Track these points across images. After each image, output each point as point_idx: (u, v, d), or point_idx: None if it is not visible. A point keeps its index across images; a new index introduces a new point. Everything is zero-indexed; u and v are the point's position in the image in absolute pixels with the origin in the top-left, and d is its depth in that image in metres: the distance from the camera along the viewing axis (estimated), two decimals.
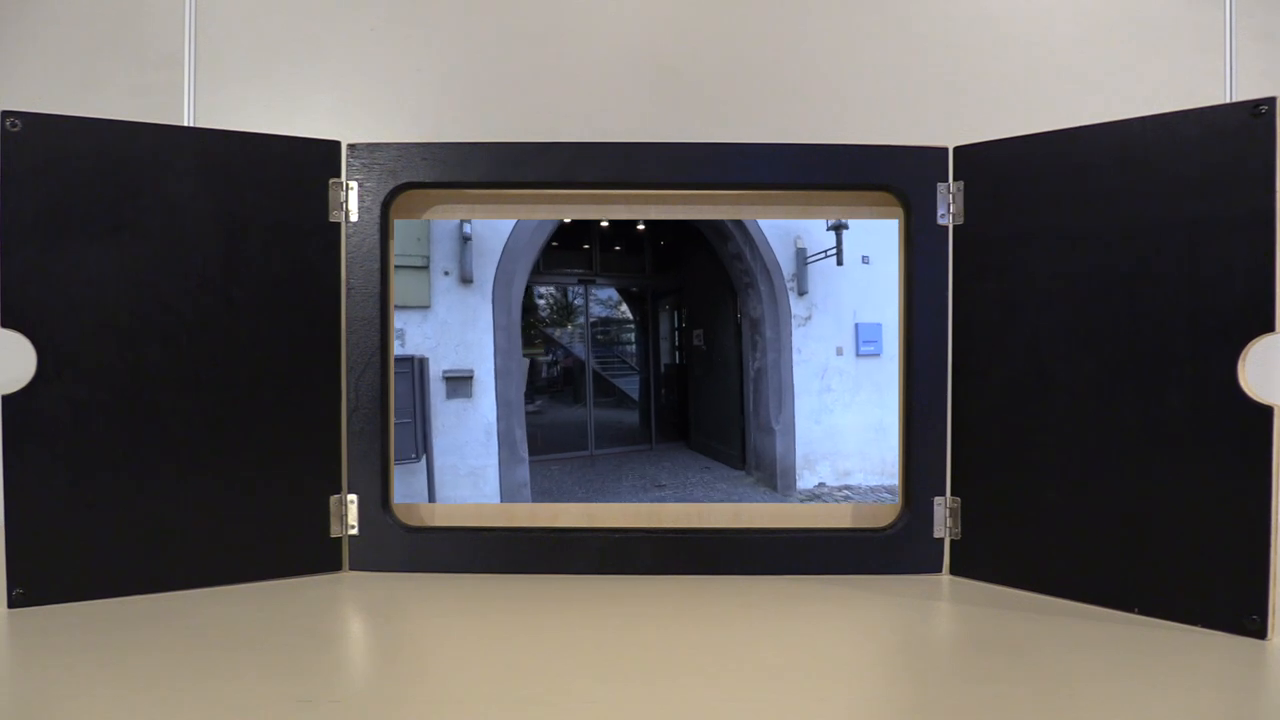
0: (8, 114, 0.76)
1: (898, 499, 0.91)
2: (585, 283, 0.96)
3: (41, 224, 0.77)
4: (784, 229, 0.94)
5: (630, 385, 0.97)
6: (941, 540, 0.88)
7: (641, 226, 0.95)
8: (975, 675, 0.63)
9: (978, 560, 0.86)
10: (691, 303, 0.97)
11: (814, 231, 0.93)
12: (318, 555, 0.88)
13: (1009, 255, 0.83)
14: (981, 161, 0.85)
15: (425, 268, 0.93)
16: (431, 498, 0.93)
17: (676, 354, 0.98)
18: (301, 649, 0.68)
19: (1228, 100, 1.04)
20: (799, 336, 0.94)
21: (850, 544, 0.89)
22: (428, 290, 0.93)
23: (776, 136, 0.97)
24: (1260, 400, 0.70)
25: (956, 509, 0.87)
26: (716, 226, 0.94)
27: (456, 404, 0.93)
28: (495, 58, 1.10)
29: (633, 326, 0.98)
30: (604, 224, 0.95)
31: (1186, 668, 0.64)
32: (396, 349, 0.92)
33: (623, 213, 0.94)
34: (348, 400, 0.88)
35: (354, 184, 0.88)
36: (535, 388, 0.95)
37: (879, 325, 0.93)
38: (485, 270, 0.94)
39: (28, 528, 0.77)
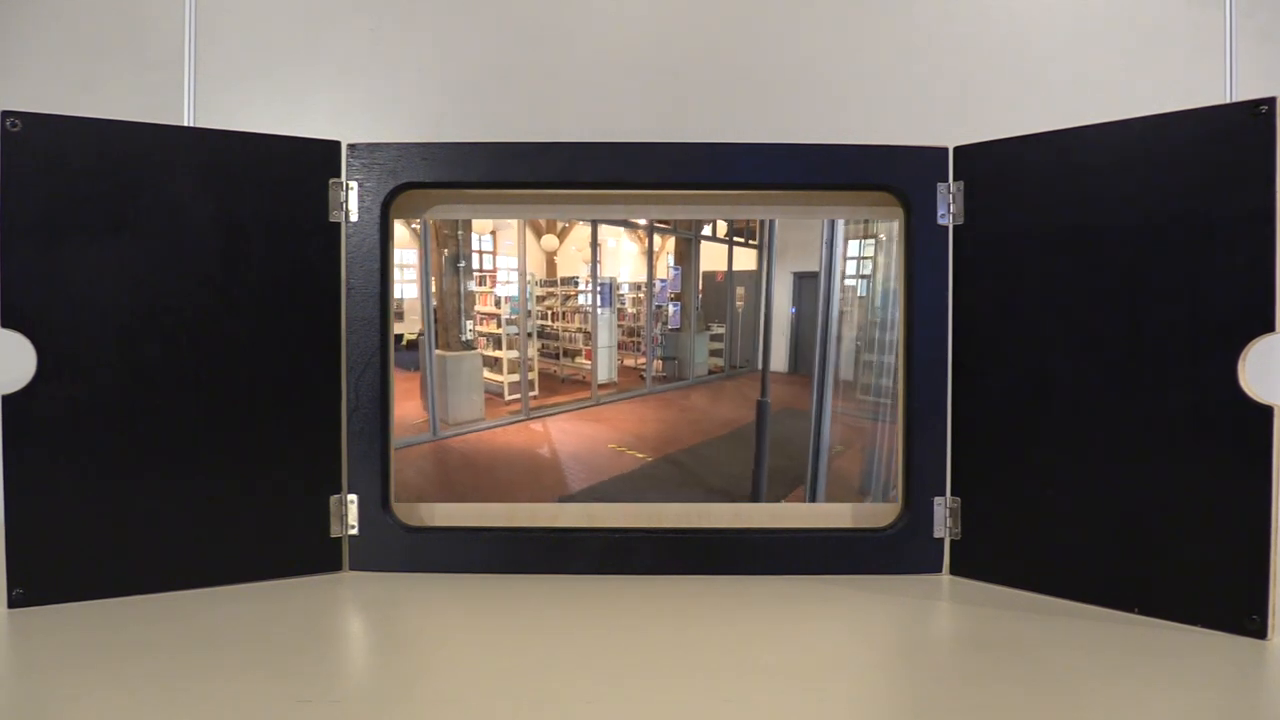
0: (8, 114, 0.76)
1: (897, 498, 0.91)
2: None
3: (41, 224, 0.77)
4: None
5: None
6: (941, 540, 0.88)
7: None
8: (975, 675, 0.63)
9: (978, 560, 0.86)
10: None
11: None
12: (318, 555, 0.88)
13: (1009, 255, 0.83)
14: (981, 161, 0.85)
15: None
16: None
17: None
18: (301, 649, 0.68)
19: (1228, 100, 1.04)
20: None
21: (850, 544, 0.89)
22: None
23: (776, 136, 0.96)
24: (1260, 400, 0.70)
25: (956, 509, 0.87)
26: None
27: None
28: (495, 58, 1.09)
29: None
30: None
31: (1186, 668, 0.64)
32: None
33: (622, 213, 0.94)
34: (348, 400, 0.88)
35: (354, 184, 0.88)
36: None
37: None
38: None
39: (28, 528, 0.77)
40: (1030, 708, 0.57)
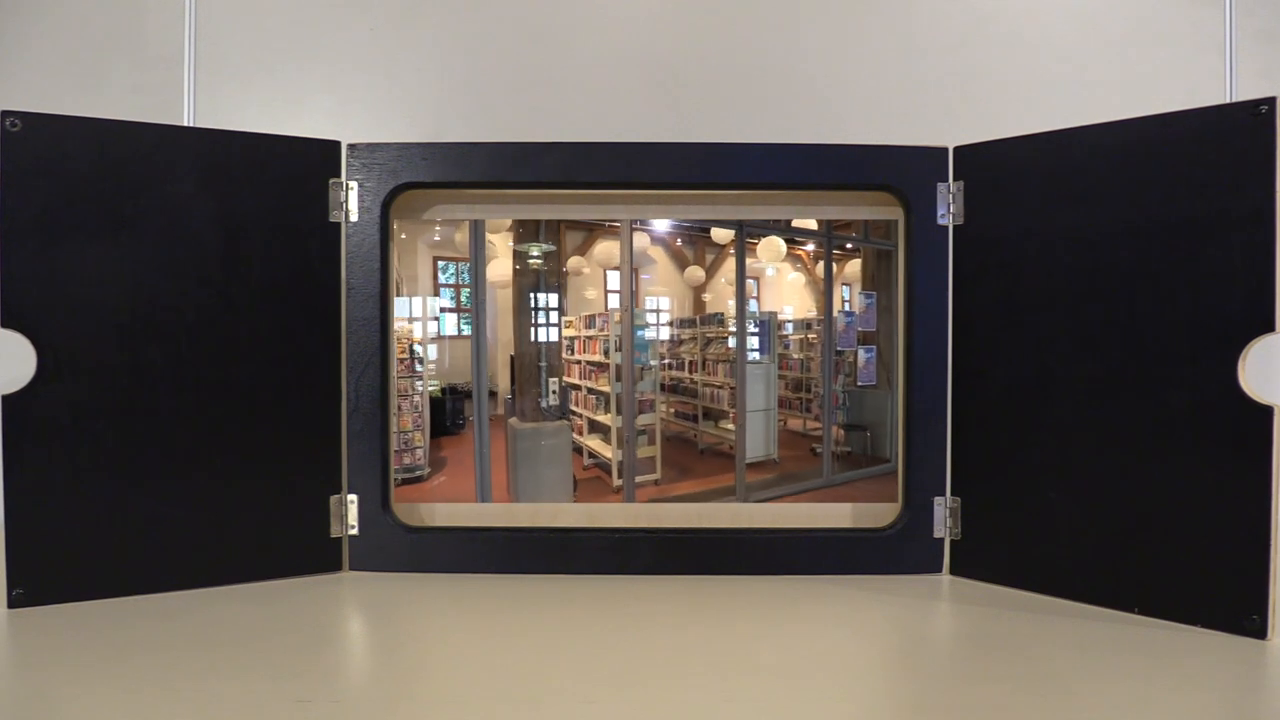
0: (8, 114, 0.76)
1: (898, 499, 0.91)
2: None
3: (41, 224, 0.77)
4: None
5: None
6: (941, 540, 0.88)
7: None
8: (975, 675, 0.63)
9: (978, 560, 0.86)
10: None
11: None
12: (318, 555, 0.88)
13: (1009, 255, 0.83)
14: (981, 161, 0.85)
15: None
16: None
17: None
18: (301, 649, 0.68)
19: (1228, 100, 1.04)
20: None
21: (850, 544, 0.89)
22: None
23: (776, 136, 0.97)
24: (1260, 400, 0.70)
25: (956, 509, 0.87)
26: None
27: None
28: (495, 58, 1.09)
29: None
30: None
31: (1186, 668, 0.64)
32: None
33: (622, 213, 0.94)
34: (348, 400, 0.88)
35: (354, 184, 0.88)
36: None
37: None
38: None
39: (28, 528, 0.77)
40: (1030, 708, 0.57)
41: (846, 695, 0.60)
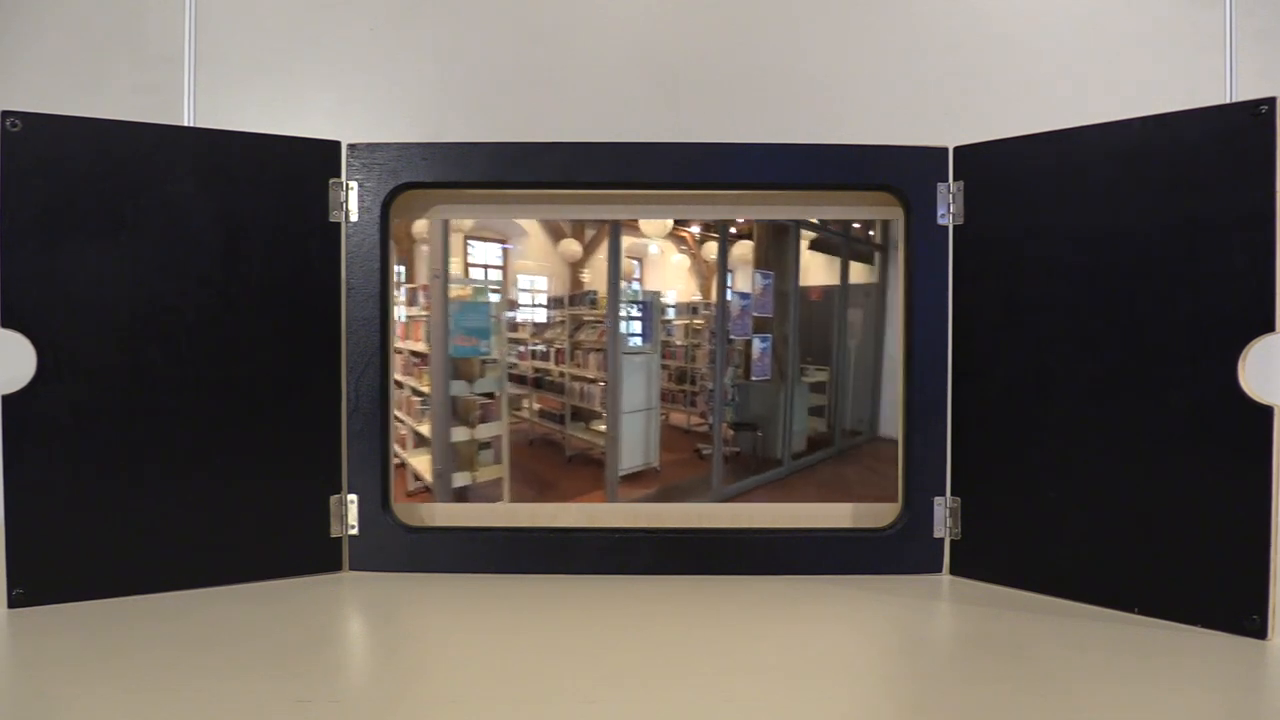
0: (8, 114, 0.76)
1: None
2: None
3: (41, 224, 0.77)
4: None
5: None
6: (941, 540, 0.88)
7: None
8: (975, 675, 0.63)
9: (978, 560, 0.86)
10: None
11: None
12: (318, 555, 0.88)
13: (1009, 255, 0.83)
14: (981, 161, 0.85)
15: None
16: None
17: None
18: (301, 649, 0.68)
19: (1228, 100, 1.04)
20: None
21: (850, 544, 0.89)
22: None
23: (776, 136, 0.96)
24: (1260, 400, 0.70)
25: (956, 509, 0.87)
26: None
27: None
28: (495, 58, 1.09)
29: None
30: None
31: (1186, 668, 0.64)
32: None
33: (623, 213, 0.94)
34: (348, 400, 0.88)
35: (354, 184, 0.88)
36: None
37: None
38: None
39: (28, 528, 0.77)
40: (1030, 708, 0.57)
41: (846, 695, 0.60)
